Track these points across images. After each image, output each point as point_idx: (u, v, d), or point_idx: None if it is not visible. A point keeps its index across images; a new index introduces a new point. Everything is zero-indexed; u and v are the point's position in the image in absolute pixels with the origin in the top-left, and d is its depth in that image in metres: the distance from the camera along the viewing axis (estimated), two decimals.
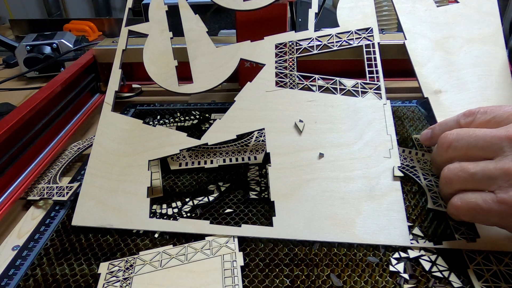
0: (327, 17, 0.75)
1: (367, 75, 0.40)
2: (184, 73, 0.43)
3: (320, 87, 0.40)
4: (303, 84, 0.40)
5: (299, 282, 0.30)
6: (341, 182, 0.35)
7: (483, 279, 0.29)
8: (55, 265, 0.32)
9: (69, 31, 0.83)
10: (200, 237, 0.34)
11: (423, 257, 0.31)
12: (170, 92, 0.42)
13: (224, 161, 0.44)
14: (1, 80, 0.69)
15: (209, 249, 0.33)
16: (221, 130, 0.38)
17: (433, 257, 0.31)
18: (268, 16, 0.51)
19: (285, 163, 0.36)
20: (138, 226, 0.35)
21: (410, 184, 0.39)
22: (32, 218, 0.38)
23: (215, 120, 0.40)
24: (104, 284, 0.30)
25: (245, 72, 0.58)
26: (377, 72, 0.40)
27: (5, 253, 0.34)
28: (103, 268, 0.31)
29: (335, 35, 0.42)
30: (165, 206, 0.38)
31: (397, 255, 0.32)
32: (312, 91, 0.39)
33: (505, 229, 0.29)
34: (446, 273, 0.30)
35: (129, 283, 0.30)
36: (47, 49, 0.72)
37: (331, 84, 0.40)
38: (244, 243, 0.33)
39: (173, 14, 0.45)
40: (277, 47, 0.42)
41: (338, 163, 0.36)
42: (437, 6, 0.43)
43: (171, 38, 0.44)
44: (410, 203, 0.37)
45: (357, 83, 0.40)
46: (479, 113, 0.31)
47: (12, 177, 0.41)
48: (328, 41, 0.42)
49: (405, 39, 0.42)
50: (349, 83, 0.40)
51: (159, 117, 0.55)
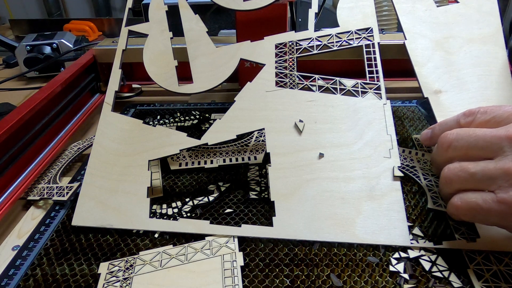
0: (327, 17, 0.75)
1: (367, 75, 0.40)
2: (184, 73, 0.43)
3: (320, 87, 0.40)
4: (303, 84, 0.40)
5: (299, 282, 0.30)
6: (341, 182, 0.35)
7: (483, 279, 0.29)
8: (55, 265, 0.32)
9: (69, 31, 0.83)
10: (200, 237, 0.34)
11: (423, 257, 0.31)
12: (170, 92, 0.42)
13: (224, 161, 0.44)
14: (1, 80, 0.69)
15: (209, 249, 0.33)
16: (221, 130, 0.38)
17: (433, 257, 0.31)
18: (268, 16, 0.51)
19: (285, 163, 0.36)
20: (138, 226, 0.35)
21: (410, 184, 0.39)
22: (32, 218, 0.38)
23: (215, 120, 0.40)
24: (104, 284, 0.30)
25: (245, 72, 0.58)
26: (377, 72, 0.40)
27: (5, 253, 0.34)
28: (103, 268, 0.31)
29: (335, 35, 0.42)
30: (165, 206, 0.38)
31: (397, 255, 0.32)
32: (312, 91, 0.39)
33: (505, 229, 0.29)
34: (446, 273, 0.30)
35: (129, 283, 0.30)
36: (47, 49, 0.72)
37: (331, 84, 0.40)
38: (244, 243, 0.33)
39: (173, 14, 0.45)
40: (277, 47, 0.42)
41: (338, 163, 0.36)
42: (437, 6, 0.43)
43: (171, 38, 0.44)
44: (410, 203, 0.37)
45: (357, 83, 0.40)
46: (479, 113, 0.31)
47: (12, 177, 0.41)
48: (328, 41, 0.42)
49: (405, 39, 0.42)
50: (349, 83, 0.40)
51: (159, 117, 0.55)
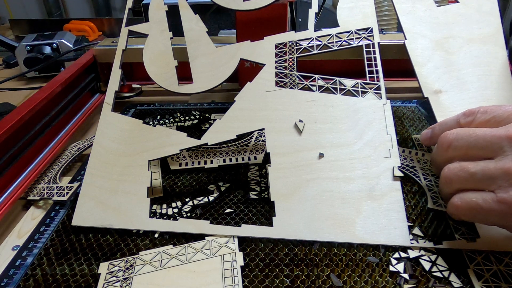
0: (327, 17, 0.75)
1: (367, 75, 0.40)
2: (184, 73, 0.43)
3: (320, 87, 0.40)
4: (303, 84, 0.40)
5: (299, 282, 0.30)
6: (341, 182, 0.35)
7: (483, 279, 0.29)
8: (55, 265, 0.32)
9: (69, 31, 0.83)
10: (200, 237, 0.34)
11: (423, 257, 0.31)
12: (170, 92, 0.42)
13: (224, 161, 0.44)
14: (1, 80, 0.69)
15: (209, 249, 0.33)
16: (221, 130, 0.38)
17: (433, 257, 0.31)
18: (268, 16, 0.51)
19: (285, 163, 0.36)
20: (138, 226, 0.35)
21: (410, 184, 0.39)
22: (32, 218, 0.38)
23: (215, 120, 0.40)
24: (104, 284, 0.30)
25: (245, 72, 0.58)
26: (377, 72, 0.40)
27: (5, 253, 0.34)
28: (103, 268, 0.31)
29: (335, 35, 0.42)
30: (165, 206, 0.38)
31: (397, 255, 0.32)
32: (312, 91, 0.39)
33: (505, 229, 0.29)
34: (446, 273, 0.30)
35: (129, 283, 0.30)
36: (47, 49, 0.72)
37: (331, 84, 0.40)
38: (244, 243, 0.33)
39: (173, 14, 0.45)
40: (277, 47, 0.42)
41: (338, 163, 0.36)
42: (437, 6, 0.43)
43: (171, 38, 0.44)
44: (410, 203, 0.37)
45: (357, 83, 0.40)
46: (479, 112, 0.31)
47: (12, 177, 0.41)
48: (328, 41, 0.42)
49: (405, 39, 0.42)
50: (349, 83, 0.40)
51: (159, 117, 0.55)
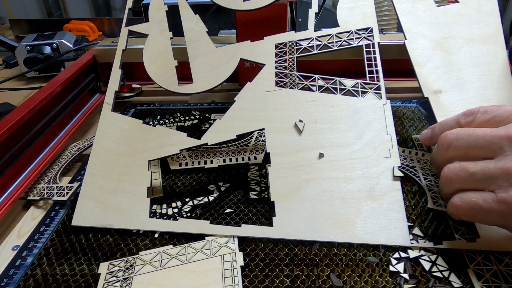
0: (327, 17, 0.75)
1: (367, 75, 0.40)
2: (184, 73, 0.43)
3: (320, 87, 0.40)
4: (303, 84, 0.40)
5: (299, 282, 0.30)
6: (341, 182, 0.35)
7: (483, 279, 0.29)
8: (55, 265, 0.32)
9: (69, 31, 0.83)
10: (200, 237, 0.34)
11: (423, 257, 0.31)
12: (170, 92, 0.42)
13: (224, 161, 0.44)
14: (1, 80, 0.69)
15: (209, 249, 0.33)
16: (221, 130, 0.38)
17: (433, 257, 0.31)
18: (268, 16, 0.51)
19: (285, 163, 0.36)
20: (138, 226, 0.35)
21: (410, 184, 0.39)
22: (32, 218, 0.38)
23: (215, 120, 0.40)
24: (104, 284, 0.30)
25: (245, 72, 0.58)
26: (377, 72, 0.40)
27: (5, 253, 0.34)
28: (103, 268, 0.31)
29: (335, 35, 0.42)
30: (165, 206, 0.38)
31: (397, 255, 0.32)
32: (312, 91, 0.39)
33: (505, 229, 0.29)
34: (446, 273, 0.30)
35: (129, 283, 0.30)
36: (47, 49, 0.72)
37: (331, 84, 0.40)
38: (244, 243, 0.33)
39: (173, 14, 0.45)
40: (277, 47, 0.42)
41: (338, 163, 0.36)
42: (437, 6, 0.43)
43: (171, 38, 0.44)
44: (410, 203, 0.37)
45: (357, 83, 0.40)
46: (479, 112, 0.31)
47: (12, 177, 0.41)
48: (328, 41, 0.42)
49: (405, 39, 0.42)
50: (349, 83, 0.40)
51: (159, 117, 0.55)
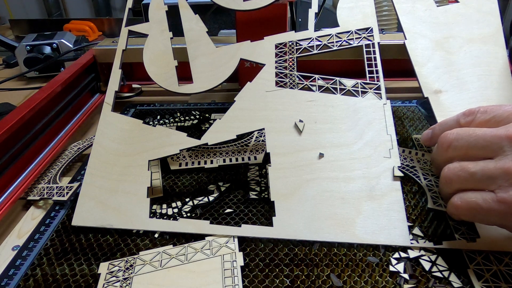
0: (327, 17, 0.75)
1: (367, 75, 0.40)
2: (184, 73, 0.43)
3: (320, 87, 0.40)
4: (303, 84, 0.40)
5: (299, 282, 0.30)
6: (341, 182, 0.35)
7: (483, 279, 0.29)
8: (55, 265, 0.32)
9: (69, 31, 0.83)
10: (200, 237, 0.34)
11: (423, 257, 0.31)
12: (170, 92, 0.42)
13: (224, 161, 0.44)
14: (1, 80, 0.69)
15: (209, 249, 0.33)
16: (221, 130, 0.38)
17: (433, 257, 0.31)
18: (268, 16, 0.51)
19: (285, 163, 0.36)
20: (138, 226, 0.35)
21: (410, 184, 0.39)
22: (32, 218, 0.38)
23: (215, 120, 0.40)
24: (104, 284, 0.30)
25: (245, 72, 0.58)
26: (377, 72, 0.40)
27: (5, 253, 0.34)
28: (103, 268, 0.31)
29: (335, 35, 0.42)
30: (165, 206, 0.38)
31: (397, 255, 0.32)
32: (312, 91, 0.39)
33: (505, 229, 0.29)
34: (446, 273, 0.30)
35: (129, 283, 0.30)
36: (47, 49, 0.72)
37: (331, 84, 0.40)
38: (244, 243, 0.33)
39: (173, 14, 0.45)
40: (277, 47, 0.42)
41: (338, 163, 0.36)
42: (437, 6, 0.43)
43: (171, 38, 0.44)
44: (410, 203, 0.37)
45: (357, 83, 0.40)
46: (479, 112, 0.31)
47: (12, 177, 0.41)
48: (328, 41, 0.42)
49: (405, 39, 0.42)
50: (349, 83, 0.40)
51: (159, 117, 0.55)
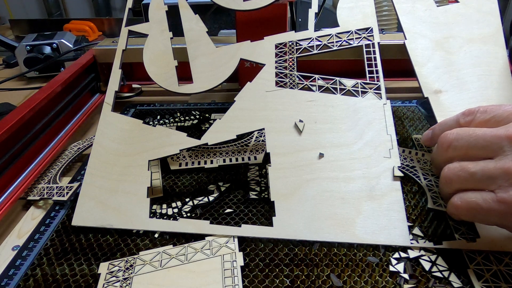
0: (327, 17, 0.75)
1: (367, 75, 0.40)
2: (184, 73, 0.43)
3: (320, 87, 0.40)
4: (303, 84, 0.40)
5: (299, 282, 0.30)
6: (341, 182, 0.35)
7: (483, 279, 0.29)
8: (55, 265, 0.32)
9: (69, 31, 0.83)
10: (200, 237, 0.34)
11: (423, 257, 0.31)
12: (170, 92, 0.42)
13: (224, 161, 0.44)
14: (1, 80, 0.69)
15: (209, 249, 0.33)
16: (221, 130, 0.38)
17: (433, 257, 0.31)
18: (268, 16, 0.51)
19: (285, 163, 0.36)
20: (138, 226, 0.35)
21: (410, 184, 0.39)
22: (32, 218, 0.38)
23: (215, 120, 0.40)
24: (104, 284, 0.30)
25: (245, 72, 0.58)
26: (377, 72, 0.40)
27: (5, 253, 0.34)
28: (103, 268, 0.31)
29: (335, 35, 0.42)
30: (165, 206, 0.38)
31: (397, 255, 0.32)
32: (312, 91, 0.39)
33: (505, 229, 0.29)
34: (446, 273, 0.30)
35: (129, 283, 0.30)
36: (47, 49, 0.72)
37: (331, 84, 0.40)
38: (244, 243, 0.33)
39: (173, 14, 0.45)
40: (277, 47, 0.42)
41: (338, 163, 0.36)
42: (437, 6, 0.43)
43: (171, 38, 0.44)
44: (410, 203, 0.37)
45: (357, 83, 0.40)
46: (479, 112, 0.31)
47: (12, 177, 0.41)
48: (328, 41, 0.42)
49: (405, 39, 0.42)
50: (349, 83, 0.40)
51: (159, 117, 0.55)
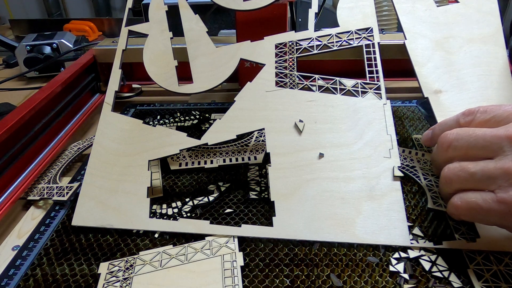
0: (327, 17, 0.75)
1: (367, 75, 0.40)
2: (184, 73, 0.43)
3: (320, 87, 0.40)
4: (303, 84, 0.40)
5: (299, 282, 0.30)
6: (341, 182, 0.35)
7: (483, 279, 0.29)
8: (55, 265, 0.32)
9: (69, 31, 0.83)
10: (200, 237, 0.34)
11: (423, 257, 0.31)
12: (170, 92, 0.42)
13: (224, 161, 0.44)
14: (1, 80, 0.69)
15: (209, 249, 0.33)
16: (221, 130, 0.38)
17: (433, 257, 0.31)
18: (268, 16, 0.51)
19: (285, 163, 0.36)
20: (138, 226, 0.35)
21: (410, 184, 0.39)
22: (32, 218, 0.38)
23: (215, 120, 0.40)
24: (104, 284, 0.30)
25: (245, 72, 0.58)
26: (377, 72, 0.40)
27: (5, 253, 0.34)
28: (103, 268, 0.31)
29: (335, 35, 0.42)
30: (165, 206, 0.38)
31: (397, 255, 0.32)
32: (312, 91, 0.39)
33: (505, 229, 0.29)
34: (446, 273, 0.30)
35: (129, 283, 0.30)
36: (47, 49, 0.72)
37: (331, 84, 0.40)
38: (244, 243, 0.33)
39: (173, 14, 0.45)
40: (277, 47, 0.42)
41: (338, 163, 0.36)
42: (437, 6, 0.43)
43: (171, 38, 0.44)
44: (410, 203, 0.37)
45: (357, 83, 0.40)
46: (479, 112, 0.31)
47: (12, 177, 0.41)
48: (328, 41, 0.42)
49: (405, 39, 0.42)
50: (349, 83, 0.40)
51: (159, 117, 0.55)
